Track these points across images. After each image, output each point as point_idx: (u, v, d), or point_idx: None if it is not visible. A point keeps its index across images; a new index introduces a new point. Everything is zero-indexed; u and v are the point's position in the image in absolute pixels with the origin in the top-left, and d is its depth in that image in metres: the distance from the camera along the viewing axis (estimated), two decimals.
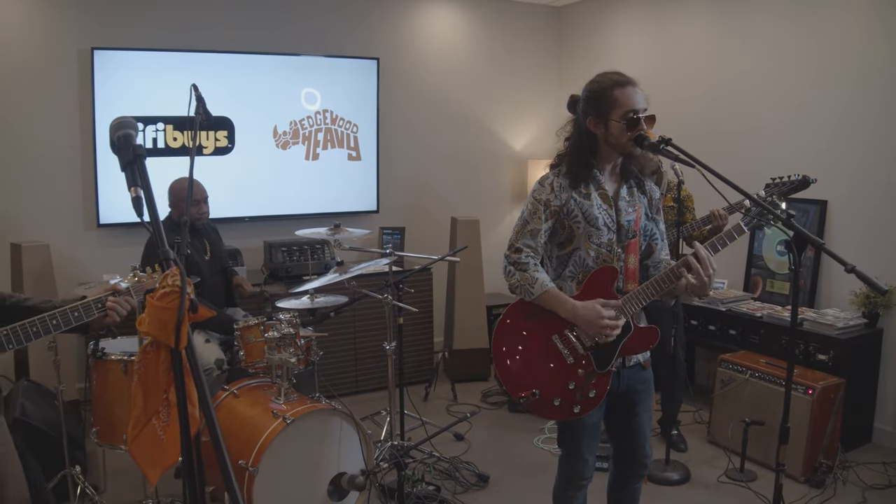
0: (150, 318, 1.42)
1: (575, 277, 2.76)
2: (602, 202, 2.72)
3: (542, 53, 7.24)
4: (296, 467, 3.54)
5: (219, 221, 5.52)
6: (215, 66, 5.67)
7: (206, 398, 1.35)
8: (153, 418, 1.59)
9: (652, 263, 2.85)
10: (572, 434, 2.88)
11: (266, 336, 3.79)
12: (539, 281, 2.72)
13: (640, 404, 2.87)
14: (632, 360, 2.78)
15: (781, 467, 2.75)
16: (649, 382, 2.90)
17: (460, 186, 6.95)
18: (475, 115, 6.98)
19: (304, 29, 6.10)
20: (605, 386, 2.71)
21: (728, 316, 4.98)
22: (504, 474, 4.41)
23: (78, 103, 5.29)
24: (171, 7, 5.57)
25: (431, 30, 6.71)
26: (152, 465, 1.67)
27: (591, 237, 2.72)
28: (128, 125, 1.72)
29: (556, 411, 2.76)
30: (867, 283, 2.27)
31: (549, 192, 2.75)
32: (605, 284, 2.69)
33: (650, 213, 2.84)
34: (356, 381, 5.88)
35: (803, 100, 5.01)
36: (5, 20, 5.08)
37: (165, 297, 1.42)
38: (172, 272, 1.45)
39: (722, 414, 4.63)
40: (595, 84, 2.72)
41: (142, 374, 1.54)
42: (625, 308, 2.67)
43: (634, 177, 2.80)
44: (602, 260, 2.72)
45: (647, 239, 2.84)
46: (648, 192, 2.84)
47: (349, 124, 6.30)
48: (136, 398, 1.57)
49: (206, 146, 5.70)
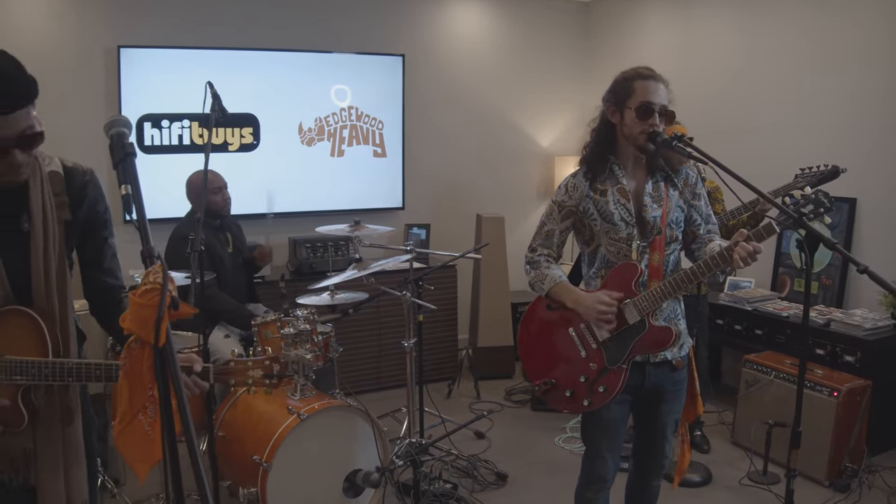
0: (131, 314, 1.43)
1: (599, 274, 2.78)
2: (620, 197, 2.71)
3: (570, 49, 7.18)
4: (310, 463, 3.55)
5: (244, 217, 5.57)
6: (241, 64, 5.71)
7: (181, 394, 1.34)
8: (139, 414, 1.59)
9: (696, 245, 2.82)
10: (592, 430, 2.88)
11: (282, 332, 3.80)
12: (549, 276, 2.79)
13: (666, 405, 2.83)
14: (658, 356, 2.74)
15: (793, 472, 2.69)
16: (680, 385, 2.85)
17: (486, 183, 6.92)
18: (501, 112, 6.95)
19: (329, 26, 6.11)
20: (616, 382, 2.69)
21: (754, 315, 4.89)
22: (523, 473, 4.39)
23: (105, 101, 5.36)
24: (196, 5, 5.62)
25: (457, 26, 6.68)
26: (140, 460, 1.68)
27: (608, 233, 2.72)
28: (121, 123, 1.73)
29: (568, 403, 2.81)
30: (881, 284, 2.22)
31: (563, 194, 2.81)
32: (626, 280, 2.67)
33: (686, 199, 2.79)
34: (379, 377, 5.89)
35: (833, 96, 4.90)
36: (35, 19, 5.16)
37: (146, 295, 1.42)
38: (155, 269, 1.45)
39: (746, 415, 4.55)
40: (621, 74, 2.74)
41: (127, 371, 1.54)
42: (641, 305, 2.63)
43: (661, 171, 2.77)
44: (623, 256, 2.70)
45: (681, 228, 2.78)
46: (682, 181, 2.79)
47: (374, 121, 6.30)
48: (122, 394, 1.58)
49: (231, 143, 5.74)
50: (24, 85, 1.85)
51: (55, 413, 2.05)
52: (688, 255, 2.86)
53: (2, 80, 1.80)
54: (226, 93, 5.38)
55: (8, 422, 1.98)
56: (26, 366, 1.96)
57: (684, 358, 2.83)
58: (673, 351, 2.75)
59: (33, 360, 1.97)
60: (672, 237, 2.74)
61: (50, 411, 2.05)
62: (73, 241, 2.15)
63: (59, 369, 1.98)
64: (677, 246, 2.78)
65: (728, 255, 2.46)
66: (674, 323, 2.75)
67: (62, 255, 2.06)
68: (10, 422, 1.98)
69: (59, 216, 2.05)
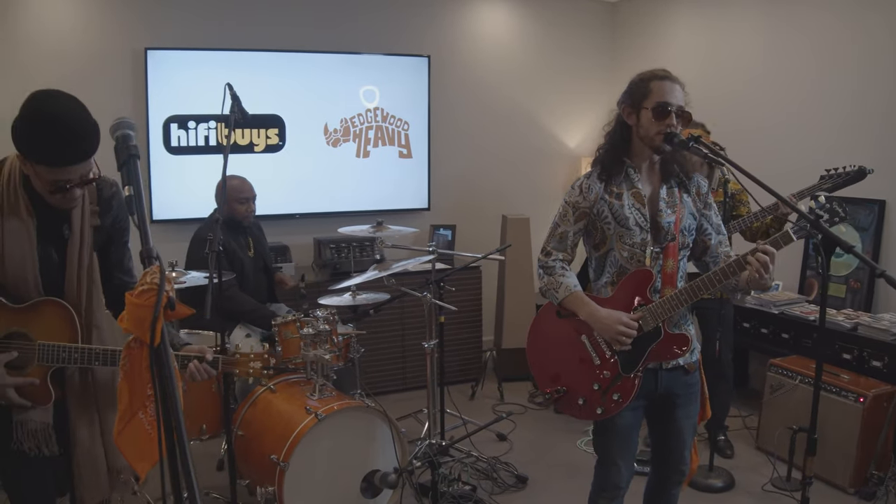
0: (128, 315, 1.45)
1: (611, 280, 2.75)
2: (634, 202, 2.68)
3: (596, 50, 7.13)
4: (328, 463, 3.57)
5: (270, 218, 5.62)
6: (266, 65, 5.75)
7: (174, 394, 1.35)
8: (139, 412, 1.61)
9: (710, 258, 2.78)
10: (604, 437, 2.86)
11: (301, 332, 3.82)
12: (563, 285, 2.76)
13: (681, 409, 2.79)
14: (671, 362, 2.71)
15: (809, 480, 2.64)
16: (693, 388, 2.81)
17: (512, 184, 6.90)
18: (527, 112, 6.92)
19: (354, 27, 6.13)
20: (630, 390, 2.66)
21: (781, 319, 4.81)
22: (543, 476, 4.37)
23: (132, 102, 5.43)
24: (222, 8, 5.68)
25: (483, 26, 6.67)
26: (140, 459, 1.71)
27: (622, 238, 2.69)
28: (126, 126, 1.76)
29: (580, 410, 2.77)
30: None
31: (577, 195, 2.77)
32: (639, 287, 2.65)
33: (698, 208, 2.75)
34: (404, 378, 5.90)
35: (861, 96, 4.80)
36: (63, 22, 5.25)
37: (143, 295, 1.44)
38: (152, 270, 1.47)
39: (771, 420, 4.49)
40: (637, 76, 2.73)
41: (127, 370, 1.57)
42: (656, 312, 2.61)
43: (676, 176, 2.74)
44: (636, 261, 2.67)
45: (693, 236, 2.75)
46: (694, 188, 2.76)
47: (400, 122, 6.31)
48: (122, 393, 1.60)
49: (257, 144, 5.79)
50: (93, 142, 2.16)
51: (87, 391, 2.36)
52: (700, 267, 2.83)
53: (76, 138, 2.11)
54: (252, 94, 5.48)
55: (37, 398, 2.25)
56: (57, 350, 2.23)
57: (695, 362, 2.79)
58: (686, 356, 2.72)
59: (64, 345, 2.25)
60: (683, 244, 2.71)
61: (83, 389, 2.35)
62: (99, 243, 2.44)
63: (87, 354, 2.27)
64: (686, 252, 2.75)
65: (744, 262, 2.43)
66: (684, 328, 2.72)
67: (92, 256, 2.37)
68: (38, 399, 2.26)
69: (91, 222, 2.36)
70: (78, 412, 2.34)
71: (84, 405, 2.34)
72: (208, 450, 4.37)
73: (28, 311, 2.26)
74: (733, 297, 2.80)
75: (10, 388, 2.19)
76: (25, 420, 2.29)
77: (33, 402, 2.25)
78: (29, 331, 2.25)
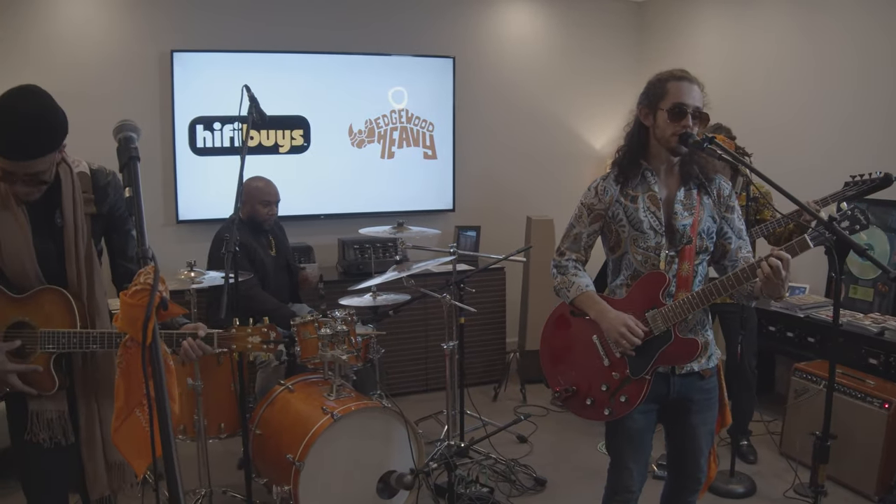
0: (122, 314, 1.46)
1: (626, 283, 2.73)
2: (650, 205, 2.65)
3: (623, 50, 7.07)
4: (343, 463, 3.58)
5: (294, 219, 5.66)
6: (291, 66, 5.80)
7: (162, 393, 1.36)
8: (136, 410, 1.63)
9: (729, 262, 2.72)
10: (615, 440, 2.83)
11: (319, 333, 3.84)
12: (576, 284, 2.75)
13: (696, 415, 2.74)
14: (684, 368, 2.68)
15: (820, 488, 2.59)
16: (709, 393, 2.76)
17: (537, 185, 6.88)
18: (553, 113, 6.89)
19: (378, 28, 6.16)
20: (638, 392, 2.63)
21: (806, 323, 4.73)
22: (562, 479, 4.34)
23: (158, 104, 5.51)
24: (246, 10, 5.74)
25: (508, 27, 6.66)
26: (137, 456, 1.72)
27: (636, 241, 2.66)
28: (129, 128, 1.79)
29: (588, 411, 2.77)
30: None
31: (593, 196, 2.78)
32: (653, 291, 2.62)
33: (718, 211, 2.71)
34: (426, 379, 5.90)
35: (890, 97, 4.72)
36: (90, 25, 5.35)
37: (136, 295, 1.46)
38: (146, 271, 1.48)
39: (795, 425, 4.42)
40: (655, 76, 2.71)
41: (123, 368, 1.59)
42: (668, 316, 2.58)
43: (695, 178, 2.70)
44: (651, 264, 2.64)
45: (713, 240, 2.70)
46: (715, 191, 2.71)
47: (425, 123, 6.32)
48: (119, 391, 1.62)
49: (282, 145, 5.83)
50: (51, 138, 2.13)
51: (90, 379, 2.40)
52: (718, 270, 2.78)
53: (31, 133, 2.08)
54: (276, 95, 5.55)
55: (41, 386, 2.30)
56: (57, 336, 2.28)
57: (713, 368, 2.74)
58: (700, 362, 2.68)
59: (63, 330, 2.29)
60: (702, 247, 2.66)
61: (86, 377, 2.39)
62: (100, 231, 2.49)
63: (85, 338, 2.30)
64: (706, 256, 2.70)
65: (757, 268, 2.39)
66: (700, 334, 2.68)
67: (90, 244, 2.40)
68: (42, 386, 2.31)
69: (85, 210, 2.38)
70: (81, 402, 2.40)
71: (86, 396, 2.39)
72: (228, 448, 4.41)
73: (29, 300, 2.32)
74: (748, 303, 2.74)
75: (11, 374, 2.24)
76: (41, 410, 2.34)
77: (38, 389, 2.30)
78: (32, 320, 2.31)
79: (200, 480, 3.78)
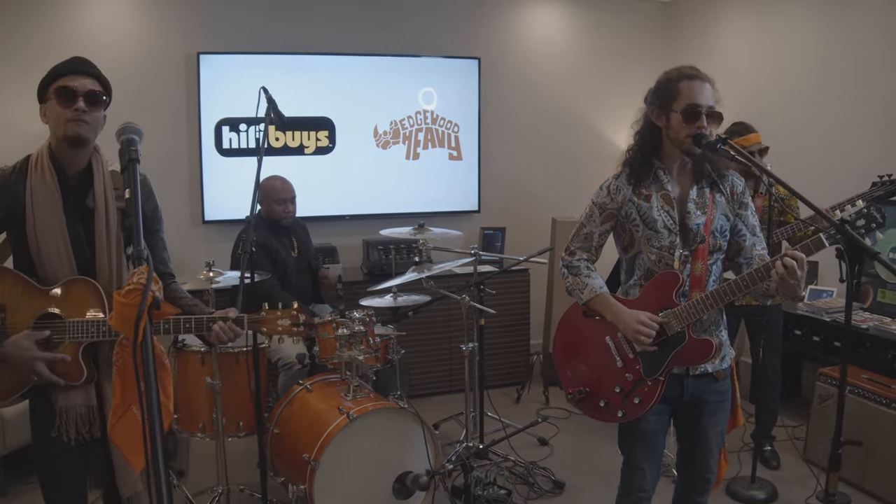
0: (115, 313, 1.49)
1: (639, 283, 2.71)
2: (663, 203, 2.63)
3: (649, 50, 7.01)
4: (359, 464, 3.59)
5: (319, 219, 5.70)
6: (316, 67, 5.85)
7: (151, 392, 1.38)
8: (132, 407, 1.65)
9: (744, 259, 2.69)
10: (629, 441, 2.83)
11: (337, 333, 3.85)
12: (589, 286, 2.73)
13: (708, 417, 2.72)
14: (698, 368, 2.65)
15: (831, 497, 2.55)
16: (723, 395, 2.74)
17: (562, 187, 6.84)
18: (578, 114, 6.86)
19: (403, 29, 6.18)
20: (652, 394, 2.61)
21: (833, 327, 4.66)
22: (581, 482, 4.32)
23: (185, 106, 5.59)
24: (272, 12, 5.80)
25: (533, 28, 6.64)
26: (134, 452, 1.74)
27: (650, 240, 2.64)
28: (132, 131, 1.82)
29: (602, 413, 2.75)
30: None
31: (605, 196, 2.76)
32: (666, 290, 2.60)
33: (732, 209, 2.67)
34: (449, 380, 5.90)
35: None
36: (118, 28, 5.45)
37: (130, 295, 1.48)
38: (140, 271, 1.50)
39: (819, 431, 4.35)
40: (665, 75, 2.69)
41: (119, 366, 1.61)
42: (681, 316, 2.55)
43: (707, 176, 2.68)
44: (665, 264, 2.62)
45: (727, 238, 2.67)
46: (728, 189, 2.68)
47: (450, 124, 6.33)
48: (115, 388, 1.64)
49: (307, 146, 5.87)
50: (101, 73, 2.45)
51: None
52: (733, 268, 2.75)
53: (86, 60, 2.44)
54: (302, 96, 5.59)
55: (69, 376, 2.33)
56: (86, 325, 2.31)
57: (726, 370, 2.72)
58: (714, 363, 2.65)
59: (91, 320, 2.33)
60: (716, 246, 2.63)
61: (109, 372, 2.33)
62: (127, 228, 2.50)
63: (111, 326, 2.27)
64: (720, 256, 2.67)
65: (771, 268, 2.36)
66: (715, 334, 2.65)
67: (119, 234, 2.45)
68: (70, 376, 2.33)
69: (116, 203, 2.45)
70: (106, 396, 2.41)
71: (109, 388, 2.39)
72: (249, 447, 4.45)
73: (59, 291, 2.35)
74: (764, 302, 2.71)
75: (39, 361, 2.27)
76: (69, 406, 2.36)
77: (66, 379, 2.33)
78: (61, 310, 2.34)
79: (218, 478, 3.81)
